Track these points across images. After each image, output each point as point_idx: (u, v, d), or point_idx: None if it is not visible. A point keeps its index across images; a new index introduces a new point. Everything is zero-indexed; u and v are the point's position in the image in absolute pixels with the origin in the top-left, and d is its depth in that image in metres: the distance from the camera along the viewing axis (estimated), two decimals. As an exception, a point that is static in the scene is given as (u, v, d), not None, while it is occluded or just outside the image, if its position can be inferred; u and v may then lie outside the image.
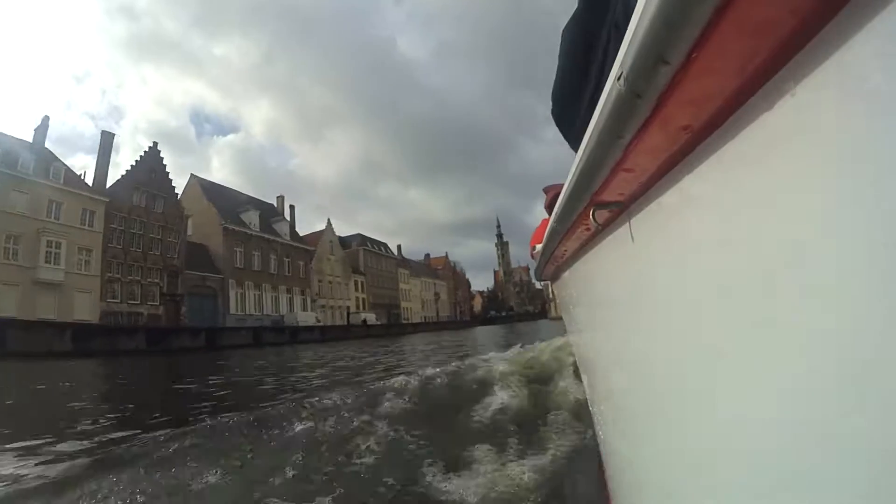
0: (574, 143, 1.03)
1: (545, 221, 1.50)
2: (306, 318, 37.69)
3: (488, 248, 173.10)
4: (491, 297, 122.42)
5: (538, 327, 29.77)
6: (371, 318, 46.97)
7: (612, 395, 1.13)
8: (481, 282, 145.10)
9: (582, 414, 2.73)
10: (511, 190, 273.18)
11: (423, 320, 65.31)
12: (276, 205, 45.46)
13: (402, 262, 66.96)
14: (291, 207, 46.39)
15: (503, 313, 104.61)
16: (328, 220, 49.73)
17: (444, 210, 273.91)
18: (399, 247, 69.00)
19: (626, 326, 0.88)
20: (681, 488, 0.62)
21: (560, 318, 4.10)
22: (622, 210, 0.67)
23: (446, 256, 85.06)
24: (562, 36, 1.08)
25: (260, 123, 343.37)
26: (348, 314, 46.89)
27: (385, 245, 62.45)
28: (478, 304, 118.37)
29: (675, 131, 0.43)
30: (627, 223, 0.68)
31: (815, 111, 0.30)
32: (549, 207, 1.39)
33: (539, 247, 1.61)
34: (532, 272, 2.35)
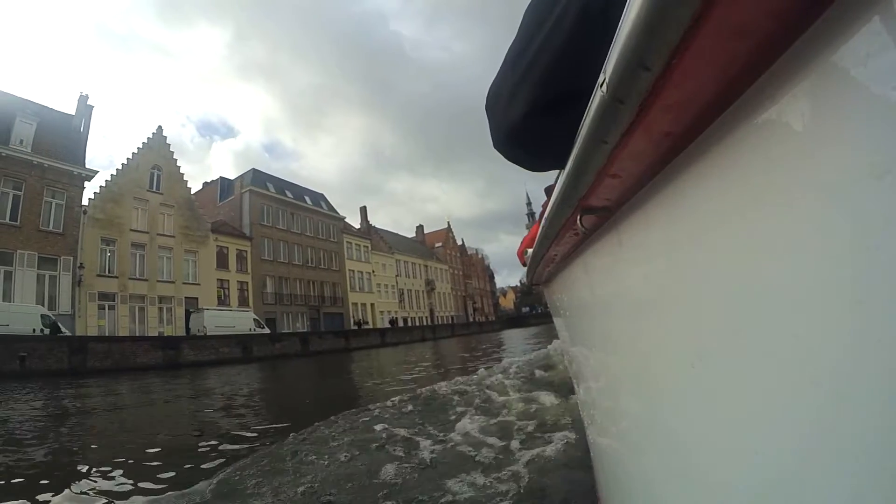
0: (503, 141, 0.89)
1: (536, 226, 1.55)
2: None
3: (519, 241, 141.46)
4: (524, 291, 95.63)
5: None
6: (243, 320, 21.47)
7: (601, 401, 1.15)
8: (515, 281, 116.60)
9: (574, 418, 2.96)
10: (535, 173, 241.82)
11: (404, 323, 38.95)
12: (76, 108, 21.26)
13: (366, 230, 40.88)
14: (89, 108, 21.84)
15: (539, 310, 77.23)
16: (159, 127, 24.76)
17: (465, 202, 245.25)
18: (363, 209, 43.09)
19: (614, 332, 0.89)
20: (672, 495, 0.61)
21: None
22: (609, 215, 0.67)
23: (447, 228, 56.59)
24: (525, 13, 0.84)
25: (255, 122, 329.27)
26: (188, 315, 21.57)
27: (322, 197, 36.20)
28: (510, 301, 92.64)
29: (658, 137, 0.42)
30: (615, 228, 0.68)
31: (796, 116, 0.30)
32: None
33: (530, 251, 1.62)
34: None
